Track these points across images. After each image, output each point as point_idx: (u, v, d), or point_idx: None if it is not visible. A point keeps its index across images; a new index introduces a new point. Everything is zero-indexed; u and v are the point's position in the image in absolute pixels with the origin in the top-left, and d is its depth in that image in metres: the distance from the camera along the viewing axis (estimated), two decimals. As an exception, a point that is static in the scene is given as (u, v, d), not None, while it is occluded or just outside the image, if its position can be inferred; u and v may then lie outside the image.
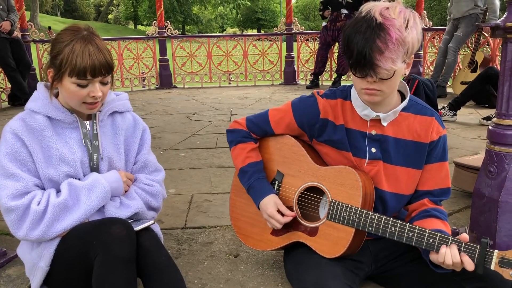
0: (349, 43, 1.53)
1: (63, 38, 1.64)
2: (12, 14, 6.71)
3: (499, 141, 2.03)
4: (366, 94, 1.61)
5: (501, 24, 1.93)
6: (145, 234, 1.66)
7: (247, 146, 1.93)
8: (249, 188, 1.89)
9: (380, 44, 1.47)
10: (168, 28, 8.63)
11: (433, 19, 38.89)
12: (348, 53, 1.55)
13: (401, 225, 1.58)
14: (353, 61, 1.52)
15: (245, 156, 1.91)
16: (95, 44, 1.63)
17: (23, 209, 1.60)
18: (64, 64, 1.61)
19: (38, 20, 31.87)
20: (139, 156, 1.90)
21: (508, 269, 1.40)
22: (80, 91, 1.64)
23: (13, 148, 1.64)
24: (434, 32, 7.83)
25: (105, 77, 1.66)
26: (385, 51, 1.47)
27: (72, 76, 1.61)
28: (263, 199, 1.83)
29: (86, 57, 1.59)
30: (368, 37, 1.47)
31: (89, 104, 1.68)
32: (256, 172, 1.88)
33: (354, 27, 1.53)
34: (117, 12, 57.61)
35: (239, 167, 1.92)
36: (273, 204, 1.81)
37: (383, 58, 1.48)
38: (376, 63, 1.48)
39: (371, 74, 1.53)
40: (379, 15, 1.49)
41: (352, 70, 1.57)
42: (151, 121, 5.54)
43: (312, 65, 8.60)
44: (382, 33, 1.47)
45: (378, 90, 1.58)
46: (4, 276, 2.09)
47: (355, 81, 1.63)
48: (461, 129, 4.86)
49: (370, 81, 1.56)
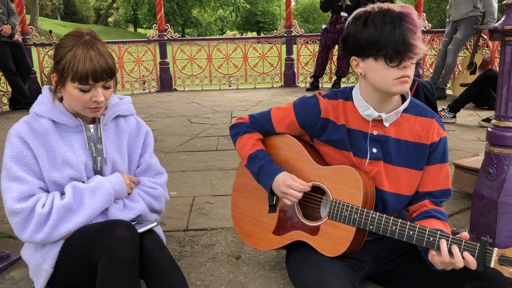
0: (378, 37, 1.57)
1: (66, 43, 1.66)
2: (13, 18, 6.72)
3: (498, 142, 2.06)
4: (400, 83, 1.62)
5: (499, 27, 1.95)
6: (148, 236, 1.68)
7: (253, 135, 1.94)
8: (260, 170, 1.85)
9: (411, 27, 1.56)
10: (168, 31, 8.66)
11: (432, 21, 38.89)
12: (378, 46, 1.57)
13: (402, 223, 1.60)
14: (390, 50, 1.56)
15: (253, 144, 1.91)
16: (96, 49, 1.64)
17: (28, 211, 1.62)
18: (66, 69, 1.63)
19: (38, 23, 31.88)
20: (142, 159, 1.91)
21: (507, 266, 1.42)
22: (83, 96, 1.66)
23: (18, 151, 1.66)
24: (433, 34, 7.86)
25: (108, 82, 1.68)
26: (417, 32, 1.57)
27: (74, 81, 1.64)
28: (277, 175, 1.81)
29: (87, 63, 1.61)
30: (398, 24, 1.55)
31: (92, 108, 1.70)
32: (266, 156, 1.88)
33: (374, 22, 1.58)
34: (117, 15, 57.68)
35: (247, 154, 1.90)
36: (289, 177, 1.80)
37: (417, 37, 1.57)
38: (413, 44, 1.55)
39: (409, 56, 1.57)
40: (394, 6, 1.60)
41: (387, 60, 1.58)
42: (152, 124, 5.56)
43: (312, 68, 8.63)
44: (407, 18, 1.57)
45: (409, 76, 1.62)
46: (8, 279, 2.10)
47: (385, 75, 1.61)
48: (461, 131, 4.88)
49: (406, 67, 1.60)
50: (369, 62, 1.63)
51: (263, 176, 1.85)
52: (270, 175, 1.83)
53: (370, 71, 1.65)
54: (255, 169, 1.88)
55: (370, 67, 1.64)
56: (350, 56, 1.70)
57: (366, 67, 1.66)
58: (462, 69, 6.72)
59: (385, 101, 1.71)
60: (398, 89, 1.63)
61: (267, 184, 1.84)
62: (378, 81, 1.65)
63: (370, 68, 1.65)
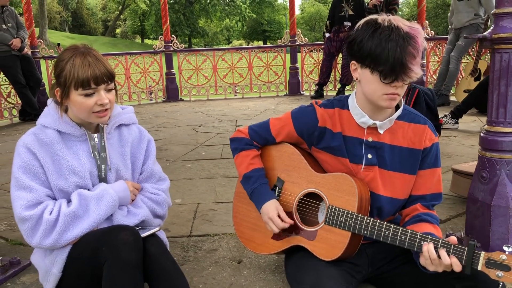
0: (380, 52, 1.61)
1: (63, 57, 1.75)
2: (22, 31, 6.87)
3: (490, 147, 2.11)
4: (388, 100, 1.68)
5: (488, 36, 2.02)
6: (151, 241, 1.75)
7: (250, 153, 2.02)
8: (252, 193, 1.96)
9: (413, 50, 1.60)
10: (174, 42, 8.80)
11: (438, 28, 38.94)
12: (377, 60, 1.62)
13: (394, 228, 1.66)
14: (387, 67, 1.61)
15: (249, 163, 1.99)
16: (93, 56, 1.74)
17: (36, 218, 1.69)
18: (68, 79, 1.71)
19: (47, 36, 32.36)
20: (145, 167, 1.99)
21: (494, 269, 1.47)
22: (88, 101, 1.74)
23: (26, 161, 1.74)
24: (437, 41, 7.92)
25: (109, 84, 1.77)
26: (417, 56, 1.61)
27: (77, 88, 1.72)
28: (265, 203, 1.91)
29: (86, 68, 1.70)
30: (401, 44, 1.59)
31: (98, 113, 1.77)
32: (259, 178, 1.96)
33: (380, 36, 1.62)
34: (124, 26, 58.27)
35: (242, 173, 2.00)
36: (274, 209, 1.89)
37: (416, 62, 1.61)
38: (410, 68, 1.60)
39: (403, 78, 1.63)
40: (403, 25, 1.62)
41: (382, 77, 1.64)
42: (158, 133, 5.65)
43: (316, 76, 8.70)
44: (411, 41, 1.60)
45: (398, 94, 1.68)
46: (19, 283, 2.19)
47: (376, 88, 1.68)
48: (463, 137, 4.92)
49: (397, 86, 1.65)
50: (365, 72, 1.69)
51: (254, 198, 1.96)
52: (260, 200, 1.93)
53: (364, 81, 1.72)
54: (248, 190, 1.98)
55: (365, 77, 1.71)
56: (352, 59, 1.76)
57: (362, 75, 1.72)
58: (465, 75, 6.76)
59: (377, 110, 1.78)
60: (385, 104, 1.70)
61: (258, 207, 1.95)
62: (368, 92, 1.72)
63: (365, 78, 1.71)
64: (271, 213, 1.88)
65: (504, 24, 1.98)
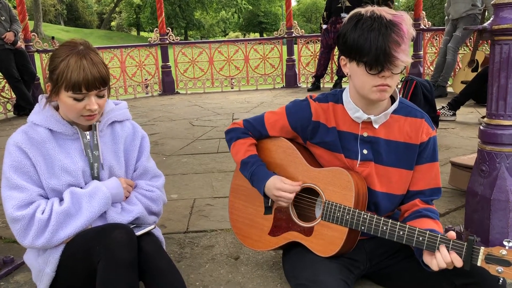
0: (362, 42, 1.58)
1: (60, 53, 1.70)
2: (15, 25, 6.79)
3: (490, 140, 2.08)
4: (378, 91, 1.65)
5: (488, 27, 1.98)
6: (146, 239, 1.72)
7: (246, 141, 1.99)
8: (251, 176, 1.91)
9: (397, 38, 1.56)
10: (169, 35, 8.73)
11: (435, 18, 38.81)
12: (361, 52, 1.60)
13: (392, 224, 1.64)
14: (371, 57, 1.57)
15: (246, 150, 1.96)
16: (89, 59, 1.68)
17: (28, 218, 1.66)
18: (60, 78, 1.67)
19: (41, 29, 32.11)
20: (139, 163, 1.96)
21: (494, 265, 1.45)
22: (77, 104, 1.70)
23: (17, 160, 1.70)
24: (434, 32, 7.87)
25: (101, 91, 1.72)
26: (402, 44, 1.57)
27: (68, 90, 1.67)
28: (267, 181, 1.86)
29: (80, 72, 1.65)
30: (384, 33, 1.55)
31: (86, 116, 1.74)
32: (257, 161, 1.93)
33: (362, 27, 1.59)
34: (119, 19, 57.88)
35: (240, 159, 1.96)
36: (279, 180, 1.84)
37: (400, 50, 1.56)
38: (395, 56, 1.56)
39: (388, 68, 1.58)
40: (386, 13, 1.58)
41: (367, 67, 1.61)
42: (154, 127, 5.61)
43: (313, 68, 8.67)
44: (395, 28, 1.57)
45: (389, 86, 1.64)
46: (12, 282, 2.16)
47: (364, 81, 1.65)
48: (461, 128, 4.90)
49: (385, 76, 1.61)
50: (353, 65, 1.67)
51: (255, 181, 1.90)
52: (261, 180, 1.87)
53: (353, 74, 1.70)
54: (247, 175, 1.93)
55: (353, 71, 1.69)
56: (340, 54, 1.73)
57: (351, 69, 1.70)
58: (462, 66, 6.73)
59: (371, 104, 1.75)
60: (376, 97, 1.67)
61: (260, 188, 1.88)
62: (358, 85, 1.70)
63: (353, 72, 1.69)
64: (278, 183, 1.83)
65: (504, 15, 1.94)
